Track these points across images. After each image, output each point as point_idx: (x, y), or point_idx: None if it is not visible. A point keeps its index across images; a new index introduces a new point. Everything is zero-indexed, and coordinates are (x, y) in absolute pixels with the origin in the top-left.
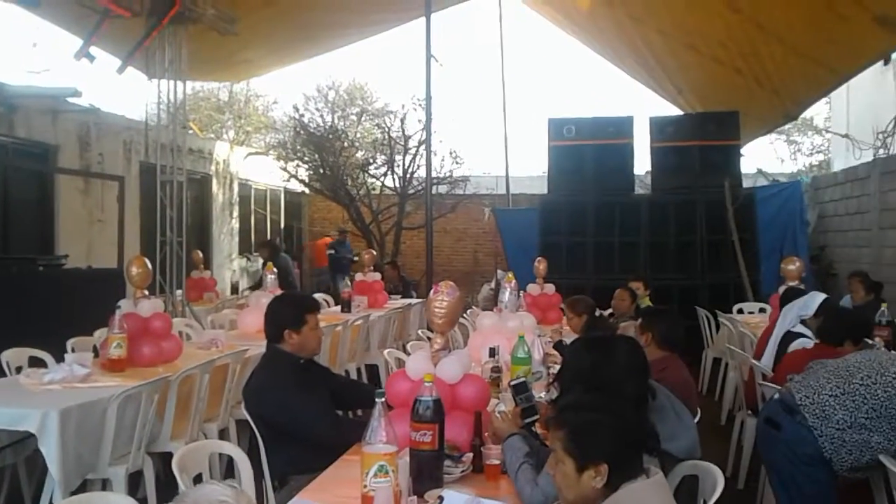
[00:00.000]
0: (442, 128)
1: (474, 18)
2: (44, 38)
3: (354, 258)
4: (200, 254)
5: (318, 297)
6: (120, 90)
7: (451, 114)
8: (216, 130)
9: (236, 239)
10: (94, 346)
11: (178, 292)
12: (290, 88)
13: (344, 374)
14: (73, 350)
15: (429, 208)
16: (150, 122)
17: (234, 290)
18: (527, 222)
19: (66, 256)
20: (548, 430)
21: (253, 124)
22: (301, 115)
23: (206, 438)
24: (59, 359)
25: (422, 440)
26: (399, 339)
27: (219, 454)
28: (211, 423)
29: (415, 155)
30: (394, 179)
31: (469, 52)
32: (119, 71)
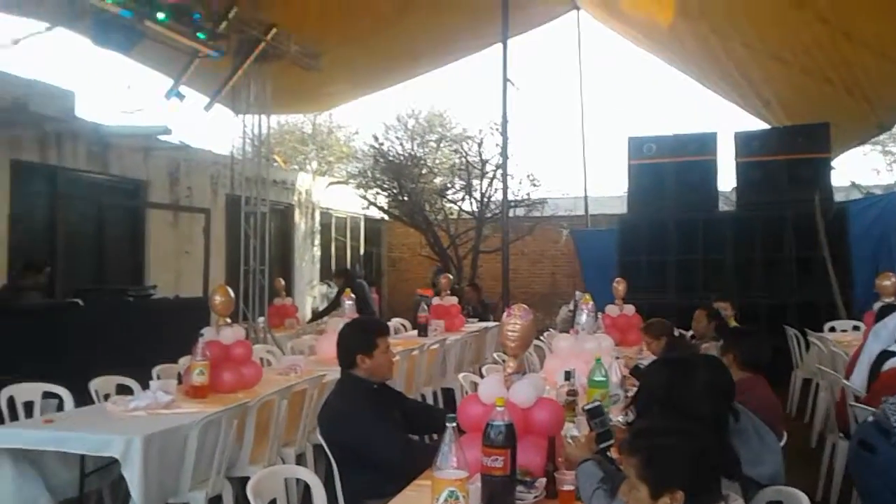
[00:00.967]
0: (519, 151)
1: (551, 40)
2: (137, 79)
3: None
4: (282, 281)
5: (396, 321)
6: (207, 126)
7: (528, 136)
8: (300, 162)
9: (317, 266)
10: (178, 374)
11: (261, 319)
12: (371, 118)
13: (420, 399)
14: (158, 377)
15: (505, 231)
16: (235, 156)
17: (315, 316)
18: (605, 243)
19: (154, 287)
20: (622, 456)
21: (335, 154)
22: (381, 144)
23: (283, 463)
24: (146, 386)
25: (493, 465)
26: (476, 362)
27: (295, 479)
28: (289, 448)
29: (492, 179)
30: (471, 204)
31: (546, 74)
32: (206, 108)
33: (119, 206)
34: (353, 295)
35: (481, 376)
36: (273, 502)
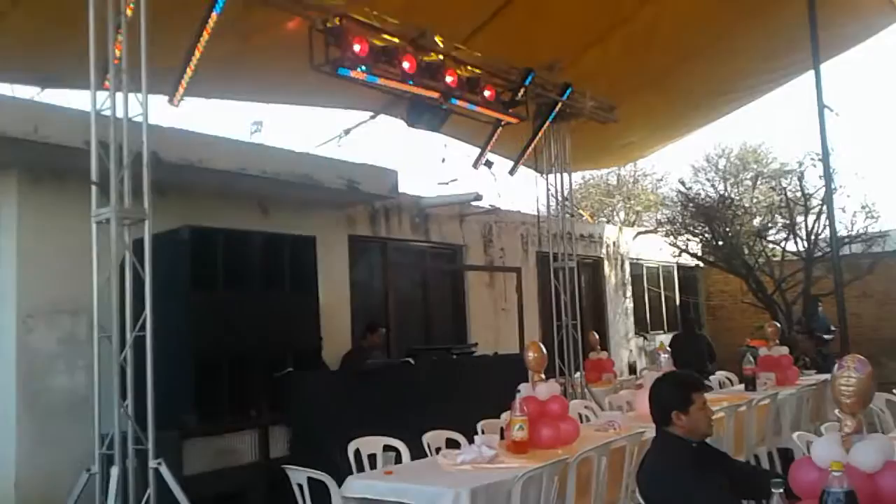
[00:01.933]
0: (849, 181)
1: (879, 55)
2: (450, 151)
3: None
4: (596, 335)
5: (720, 374)
6: (514, 187)
7: (860, 164)
8: (607, 214)
9: (631, 319)
10: (500, 428)
11: (577, 374)
12: (678, 161)
13: (752, 460)
14: (482, 432)
15: (836, 271)
16: (541, 214)
17: (632, 370)
18: None
19: (475, 344)
20: None
21: (642, 203)
22: (688, 189)
23: None
24: (472, 440)
25: None
26: (816, 420)
27: None
28: None
29: (818, 214)
30: (796, 243)
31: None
32: (511, 172)
33: (440, 270)
34: (668, 349)
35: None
36: None
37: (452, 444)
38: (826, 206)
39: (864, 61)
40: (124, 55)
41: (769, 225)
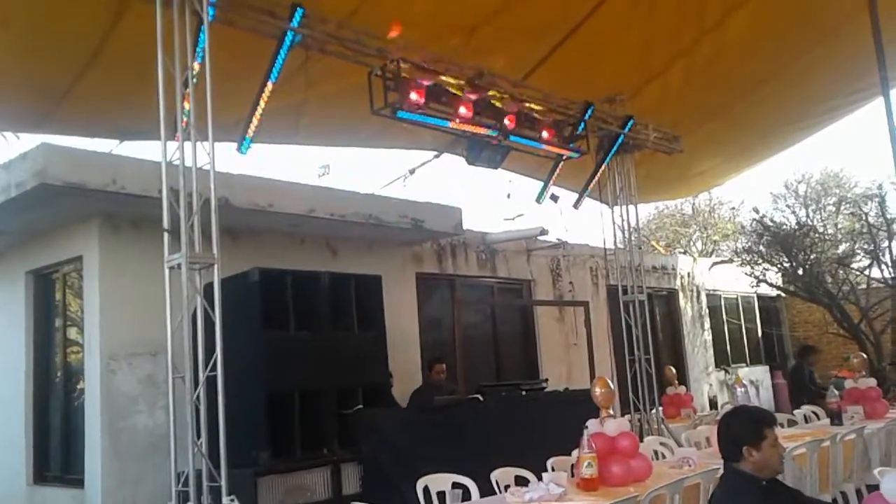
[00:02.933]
0: None
1: None
2: (515, 186)
3: None
4: (673, 370)
5: (805, 409)
6: (583, 220)
7: None
8: (684, 244)
9: (710, 352)
10: (570, 466)
11: (654, 410)
12: (756, 188)
13: (838, 497)
14: (552, 469)
15: None
16: (609, 247)
17: (713, 405)
18: None
19: (546, 380)
20: None
21: (720, 232)
22: (762, 217)
23: None
24: (541, 478)
25: None
26: None
27: None
28: None
29: None
30: (881, 269)
31: None
32: (575, 206)
33: (509, 305)
34: (744, 382)
35: None
36: None
37: (521, 481)
38: None
39: None
40: (192, 108)
41: (852, 252)
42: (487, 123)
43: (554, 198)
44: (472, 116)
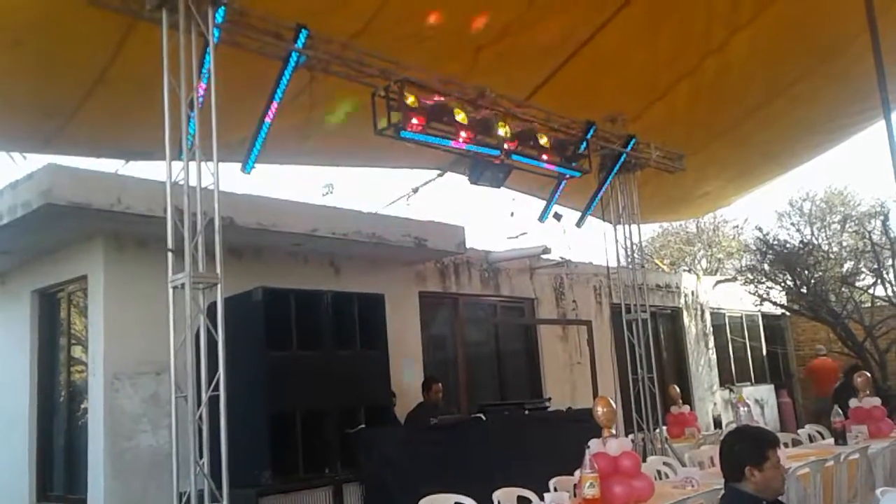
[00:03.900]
0: None
1: None
2: (518, 205)
3: None
4: (677, 389)
5: (809, 428)
6: (585, 239)
7: None
8: (688, 263)
9: (715, 370)
10: (573, 486)
11: (657, 429)
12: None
13: None
14: (554, 489)
15: None
16: (612, 266)
17: (717, 424)
18: None
19: (549, 399)
20: None
21: (724, 251)
22: (766, 235)
23: None
24: (543, 498)
25: None
26: None
27: None
28: None
29: None
30: (885, 288)
31: None
32: (578, 224)
33: (512, 324)
34: (747, 401)
35: None
36: None
37: (523, 501)
38: None
39: None
40: (196, 129)
41: (856, 270)
42: (489, 143)
43: (557, 216)
44: (474, 136)
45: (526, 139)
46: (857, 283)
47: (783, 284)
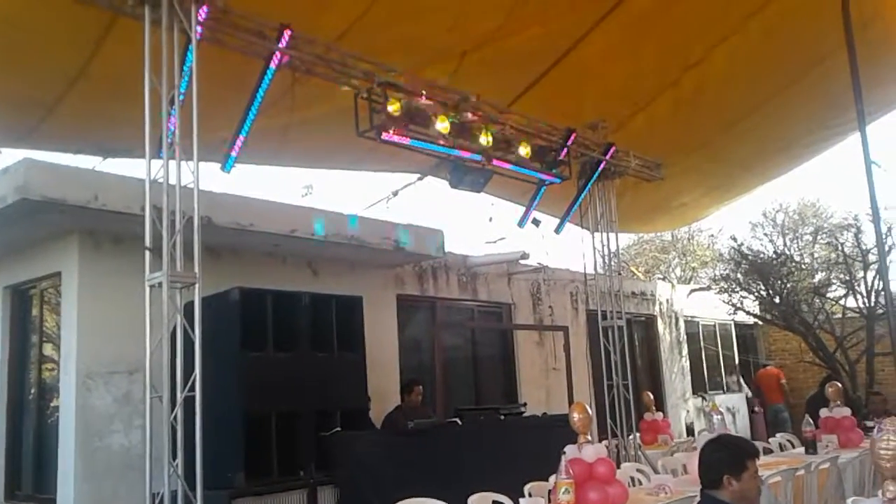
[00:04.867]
0: None
1: None
2: (497, 210)
3: None
4: (651, 395)
5: (780, 437)
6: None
7: None
8: (663, 271)
9: (688, 378)
10: (548, 491)
11: (632, 436)
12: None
13: None
14: (529, 495)
15: (893, 330)
16: (590, 272)
17: (690, 431)
18: None
19: (524, 405)
20: None
21: (698, 259)
22: (740, 245)
23: None
24: (518, 503)
25: None
26: (880, 485)
27: None
28: None
29: (878, 270)
30: (856, 300)
31: None
32: (557, 231)
33: (489, 329)
34: (720, 410)
35: None
36: None
37: None
38: (880, 262)
39: None
40: (177, 127)
41: (828, 281)
42: (471, 148)
43: (535, 222)
44: (455, 140)
45: (507, 145)
46: (829, 294)
47: (756, 294)
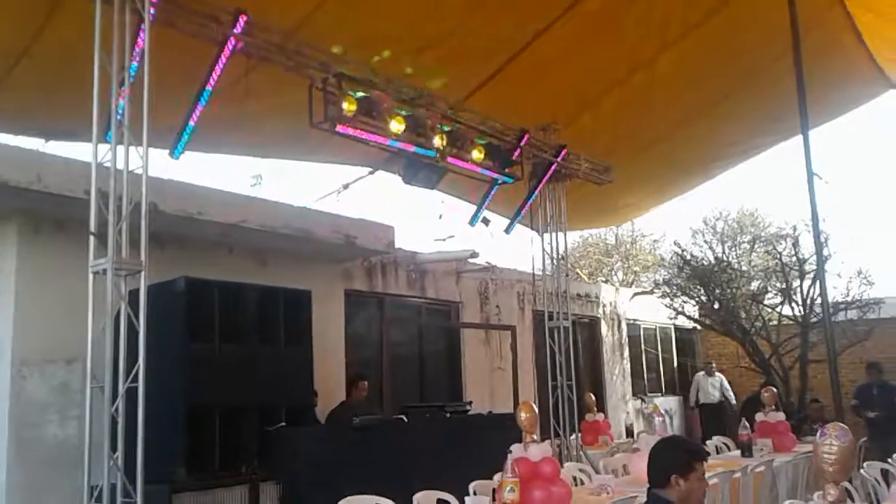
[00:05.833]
0: (844, 247)
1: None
2: (447, 208)
3: None
4: (592, 397)
5: (717, 440)
6: (512, 246)
7: (856, 229)
8: (605, 274)
9: (629, 380)
10: (493, 490)
11: (573, 436)
12: (677, 222)
13: None
14: (474, 493)
15: (829, 338)
16: (537, 273)
17: (629, 433)
18: None
19: (470, 403)
20: None
21: (640, 264)
22: (683, 251)
23: None
24: (463, 501)
25: None
26: (813, 488)
27: None
28: None
29: (814, 279)
30: (792, 308)
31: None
32: (507, 231)
33: (436, 326)
34: (662, 411)
35: None
36: None
37: None
38: (817, 271)
39: (860, 129)
40: (126, 109)
41: (765, 289)
42: (425, 144)
43: (486, 221)
44: (409, 136)
45: (461, 143)
46: (766, 302)
47: (697, 299)
